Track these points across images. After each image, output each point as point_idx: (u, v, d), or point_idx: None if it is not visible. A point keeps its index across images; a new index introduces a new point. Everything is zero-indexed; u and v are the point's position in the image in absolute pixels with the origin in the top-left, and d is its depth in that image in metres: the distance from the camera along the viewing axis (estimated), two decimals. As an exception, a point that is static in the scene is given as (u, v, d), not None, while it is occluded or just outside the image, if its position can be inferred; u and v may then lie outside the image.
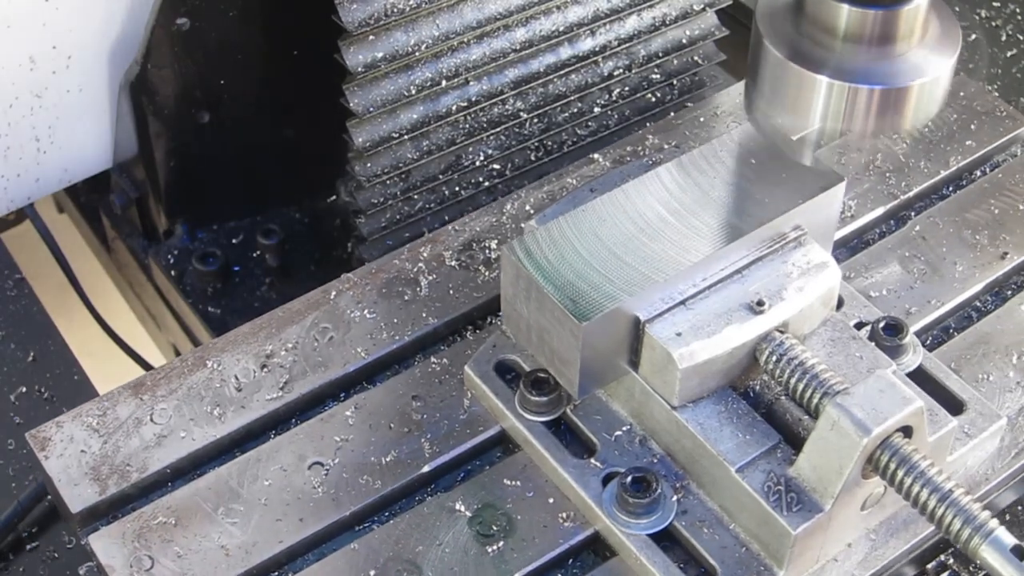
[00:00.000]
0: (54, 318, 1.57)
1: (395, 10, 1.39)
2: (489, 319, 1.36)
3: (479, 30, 1.46)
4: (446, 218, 1.55)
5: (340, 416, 1.27)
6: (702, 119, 1.52)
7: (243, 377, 1.29)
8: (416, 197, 1.54)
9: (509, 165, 1.58)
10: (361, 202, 1.51)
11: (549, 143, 1.60)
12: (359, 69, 1.40)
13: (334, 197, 1.62)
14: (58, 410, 1.38)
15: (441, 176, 1.53)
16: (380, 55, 1.41)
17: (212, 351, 1.31)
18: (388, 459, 1.23)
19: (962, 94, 1.57)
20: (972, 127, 1.54)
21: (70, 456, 1.24)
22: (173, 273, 1.76)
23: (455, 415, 1.27)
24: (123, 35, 1.61)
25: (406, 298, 1.36)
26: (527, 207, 1.43)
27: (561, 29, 1.51)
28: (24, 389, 1.46)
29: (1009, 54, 1.82)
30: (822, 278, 1.22)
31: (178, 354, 1.76)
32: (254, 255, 1.77)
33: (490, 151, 1.55)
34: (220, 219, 1.79)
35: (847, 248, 1.44)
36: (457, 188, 1.56)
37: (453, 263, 1.39)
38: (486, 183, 1.57)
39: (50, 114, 1.63)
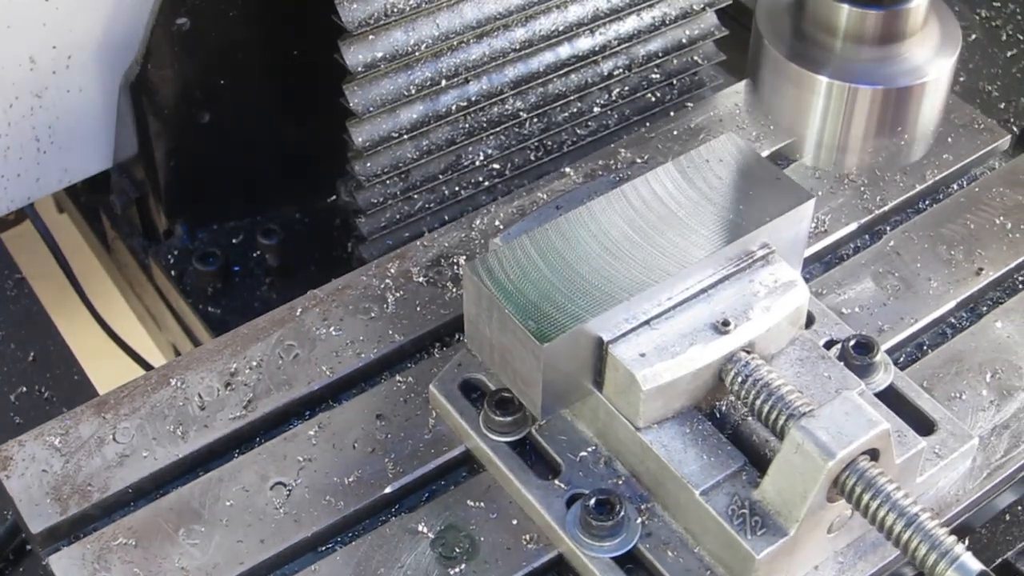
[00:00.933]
0: (54, 318, 1.57)
1: (395, 10, 1.39)
2: (457, 336, 1.34)
3: (479, 30, 1.45)
4: (446, 218, 1.54)
5: (303, 435, 1.25)
6: (675, 132, 1.51)
7: (207, 395, 1.28)
8: (416, 197, 1.53)
9: (509, 165, 1.57)
10: (361, 202, 1.50)
11: (549, 143, 1.59)
12: (359, 69, 1.40)
13: (334, 197, 1.61)
14: (58, 410, 1.38)
15: (441, 176, 1.52)
16: (380, 55, 1.40)
17: (176, 369, 1.30)
18: (351, 479, 1.22)
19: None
20: (949, 140, 1.53)
21: (31, 476, 1.23)
22: (173, 273, 1.75)
23: (419, 435, 1.25)
24: (123, 35, 1.60)
25: (372, 315, 1.34)
26: (496, 222, 1.42)
27: (561, 29, 1.51)
28: (24, 389, 1.46)
29: (1009, 54, 1.80)
30: (790, 297, 1.20)
31: (178, 354, 1.76)
32: (254, 255, 1.76)
33: (490, 151, 1.54)
34: (220, 219, 1.79)
35: (821, 263, 1.43)
36: (457, 188, 1.55)
37: (421, 279, 1.37)
38: (486, 183, 1.56)
39: (50, 114, 1.63)
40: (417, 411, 1.27)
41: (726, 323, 1.17)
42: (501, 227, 1.40)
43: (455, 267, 1.38)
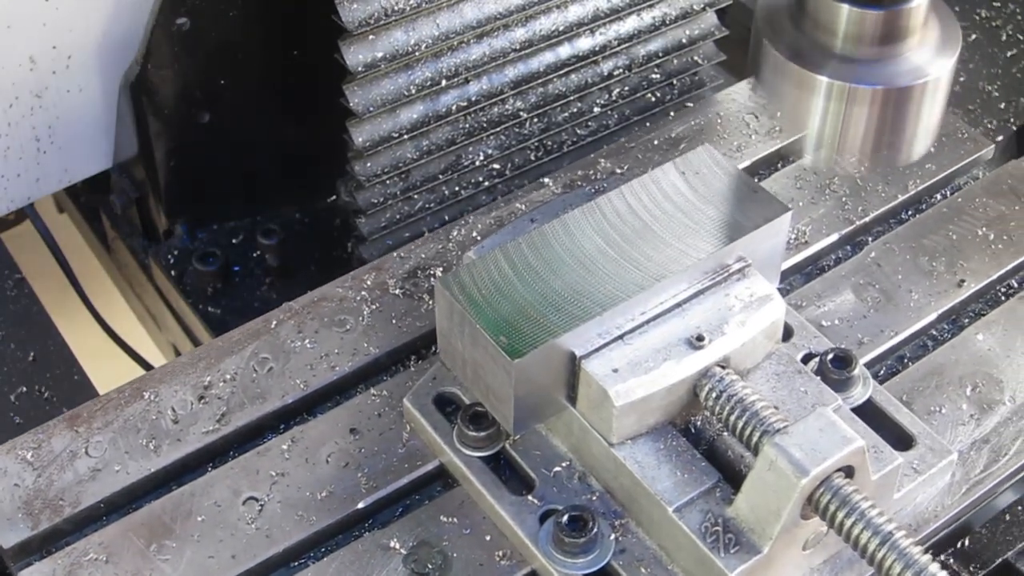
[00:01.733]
0: (54, 318, 1.57)
1: (395, 10, 1.39)
2: (433, 349, 1.33)
3: (479, 30, 1.45)
4: (446, 218, 1.54)
5: (276, 450, 1.24)
6: (655, 142, 1.50)
7: (180, 409, 1.27)
8: (416, 197, 1.52)
9: (509, 165, 1.56)
10: (361, 202, 1.50)
11: (549, 143, 1.59)
12: (359, 69, 1.39)
13: (334, 197, 1.61)
14: (58, 410, 1.37)
15: (441, 176, 1.52)
16: (380, 55, 1.40)
17: (149, 382, 1.29)
18: (323, 494, 1.21)
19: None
20: (932, 149, 1.51)
21: (3, 490, 1.22)
22: (173, 273, 1.75)
23: (393, 449, 1.24)
24: (123, 35, 1.60)
25: (348, 328, 1.33)
26: (474, 233, 1.41)
27: (561, 29, 1.50)
28: (24, 389, 1.46)
29: (1009, 54, 1.79)
30: (765, 311, 1.19)
31: (178, 354, 1.75)
32: (254, 255, 1.76)
33: (490, 151, 1.54)
34: (220, 219, 1.78)
35: (801, 275, 1.41)
36: (457, 188, 1.55)
37: (397, 291, 1.36)
38: (486, 183, 1.56)
39: (50, 114, 1.63)
40: (391, 425, 1.26)
41: (700, 338, 1.16)
42: (479, 238, 1.39)
43: (432, 279, 1.37)
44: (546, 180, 1.46)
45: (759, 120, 1.53)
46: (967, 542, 1.25)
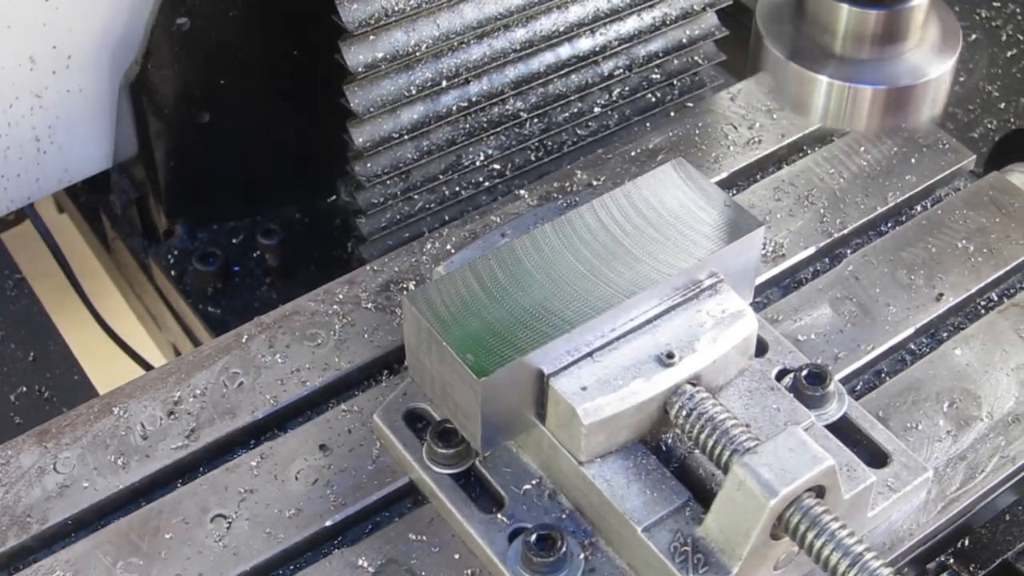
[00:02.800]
0: (54, 318, 1.58)
1: (395, 10, 1.39)
2: (405, 363, 1.32)
3: (479, 30, 1.45)
4: (446, 218, 1.53)
5: (245, 466, 1.23)
6: (632, 154, 1.48)
7: (149, 425, 1.26)
8: (416, 197, 1.52)
9: (509, 165, 1.56)
10: (361, 202, 1.49)
11: (549, 143, 1.59)
12: (359, 69, 1.39)
13: (334, 197, 1.61)
14: (58, 410, 1.38)
15: (441, 176, 1.52)
16: (380, 55, 1.40)
17: (119, 397, 1.28)
18: (292, 512, 1.20)
19: (904, 125, 1.52)
20: (912, 160, 1.50)
21: (-30, 507, 1.21)
22: (173, 273, 1.76)
23: (363, 466, 1.23)
24: (123, 35, 1.60)
25: (319, 342, 1.32)
26: (448, 246, 1.40)
27: (561, 29, 1.50)
28: (24, 389, 1.46)
29: (1009, 54, 1.79)
30: (737, 327, 1.18)
31: (178, 354, 1.75)
32: (254, 255, 1.76)
33: (490, 151, 1.54)
34: (220, 219, 1.79)
35: (778, 288, 1.40)
36: (457, 188, 1.54)
37: (369, 305, 1.35)
38: (486, 183, 1.56)
39: (50, 114, 1.63)
40: (362, 441, 1.25)
41: (671, 355, 1.15)
42: (453, 251, 1.38)
43: (405, 292, 1.36)
44: (521, 192, 1.44)
45: (738, 131, 1.52)
46: (967, 542, 1.24)
